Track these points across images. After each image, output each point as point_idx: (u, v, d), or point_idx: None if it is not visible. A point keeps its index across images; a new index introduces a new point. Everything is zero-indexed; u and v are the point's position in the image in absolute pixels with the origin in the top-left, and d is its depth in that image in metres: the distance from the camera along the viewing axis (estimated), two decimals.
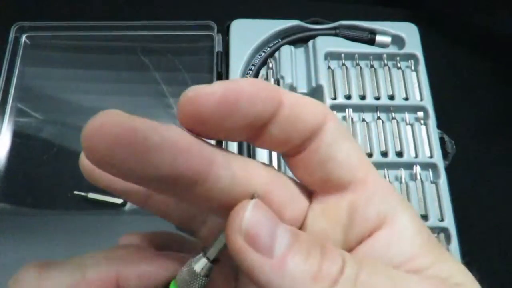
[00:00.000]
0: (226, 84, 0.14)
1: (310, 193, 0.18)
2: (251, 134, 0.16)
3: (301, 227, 0.17)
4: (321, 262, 0.14)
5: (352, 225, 0.16)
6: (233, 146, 0.41)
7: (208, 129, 0.15)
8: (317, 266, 0.14)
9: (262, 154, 0.41)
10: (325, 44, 0.45)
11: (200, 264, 0.17)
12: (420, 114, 0.43)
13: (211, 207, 0.15)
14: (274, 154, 0.41)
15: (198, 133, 0.15)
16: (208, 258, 0.17)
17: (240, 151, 0.41)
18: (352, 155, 0.16)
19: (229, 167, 0.15)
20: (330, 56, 0.45)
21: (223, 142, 0.42)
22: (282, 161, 0.41)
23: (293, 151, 0.17)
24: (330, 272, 0.14)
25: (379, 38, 0.46)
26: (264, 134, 0.16)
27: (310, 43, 0.46)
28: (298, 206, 0.17)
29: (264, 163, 0.17)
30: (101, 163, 0.13)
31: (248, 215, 0.15)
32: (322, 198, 0.17)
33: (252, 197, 0.15)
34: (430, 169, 0.41)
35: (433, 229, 0.39)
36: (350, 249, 0.17)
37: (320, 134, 0.16)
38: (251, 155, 0.41)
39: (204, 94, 0.14)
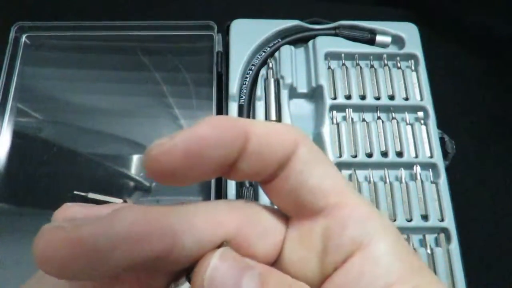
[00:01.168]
0: (187, 134, 0.14)
1: (287, 219, 0.17)
2: (221, 172, 0.16)
3: (279, 256, 0.17)
4: None
5: (326, 252, 0.16)
6: None
7: (177, 179, 0.15)
8: None
9: None
10: (325, 44, 0.45)
11: None
12: (420, 114, 0.43)
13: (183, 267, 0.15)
14: None
15: (169, 183, 0.15)
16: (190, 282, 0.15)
17: None
18: (324, 180, 0.16)
19: (193, 229, 0.14)
20: (330, 56, 0.45)
21: None
22: None
23: (265, 179, 0.17)
24: None
25: (379, 38, 0.46)
26: (234, 170, 0.16)
27: (310, 43, 0.46)
28: (274, 238, 0.17)
29: (234, 201, 0.17)
30: (60, 276, 0.13)
31: (209, 272, 0.14)
32: (298, 224, 0.17)
33: (220, 245, 0.15)
34: (430, 169, 0.41)
35: (433, 229, 0.39)
36: (326, 277, 0.16)
37: (290, 162, 0.16)
38: None
39: (167, 151, 0.14)
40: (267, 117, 0.42)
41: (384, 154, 0.41)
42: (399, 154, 0.42)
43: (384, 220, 0.16)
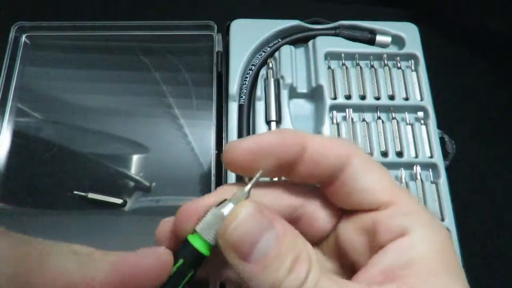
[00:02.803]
0: (254, 137, 0.20)
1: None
2: (283, 172, 0.21)
3: (331, 231, 0.22)
4: (287, 274, 0.17)
5: (375, 234, 0.20)
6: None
7: (245, 170, 0.20)
8: (281, 278, 0.17)
9: None
10: (325, 44, 0.45)
11: (227, 209, 0.19)
12: (420, 114, 0.43)
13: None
14: None
15: (239, 172, 0.21)
16: (232, 202, 0.19)
17: None
18: (376, 184, 0.20)
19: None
20: (330, 56, 0.45)
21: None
22: None
23: (323, 183, 0.21)
24: (291, 285, 0.17)
25: (379, 38, 0.46)
26: (294, 172, 0.21)
27: (310, 43, 0.46)
28: (330, 217, 0.22)
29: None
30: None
31: (235, 224, 0.18)
32: (352, 215, 0.21)
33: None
34: (430, 169, 0.41)
35: None
36: (373, 252, 0.20)
37: (345, 170, 0.20)
38: None
39: (237, 148, 0.20)
40: (267, 117, 0.42)
41: (384, 154, 0.41)
42: (399, 154, 0.42)
43: (426, 216, 0.20)
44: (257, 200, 0.19)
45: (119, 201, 0.41)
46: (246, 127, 0.42)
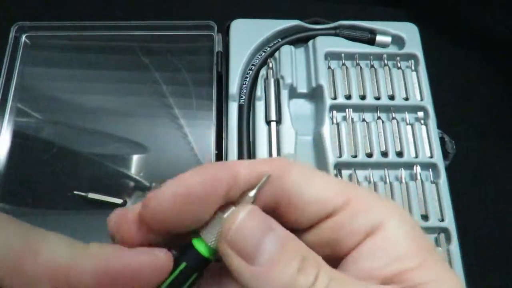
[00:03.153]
0: (174, 182, 0.18)
1: None
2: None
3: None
4: (296, 276, 0.16)
5: (338, 240, 0.18)
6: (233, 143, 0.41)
7: (172, 224, 0.18)
8: (290, 279, 0.16)
9: (262, 152, 0.41)
10: (325, 44, 0.45)
11: (230, 214, 0.18)
12: (420, 114, 0.43)
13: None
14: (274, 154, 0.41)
15: (168, 228, 0.18)
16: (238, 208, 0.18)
17: (240, 150, 0.41)
18: (324, 189, 0.18)
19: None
20: (330, 56, 0.45)
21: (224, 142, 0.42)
22: None
23: (269, 209, 0.19)
24: (301, 286, 0.16)
25: (379, 38, 0.46)
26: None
27: (310, 43, 0.46)
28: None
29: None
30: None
31: (236, 225, 0.17)
32: (309, 229, 0.19)
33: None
34: (430, 169, 0.41)
35: (433, 229, 0.39)
36: (339, 260, 0.18)
37: (283, 189, 0.18)
38: (251, 155, 0.41)
39: (160, 197, 0.18)
40: (267, 117, 0.42)
41: (384, 154, 0.41)
42: (399, 154, 0.42)
43: (388, 204, 0.19)
44: None
45: (119, 201, 0.41)
46: (246, 127, 0.42)
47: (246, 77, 0.44)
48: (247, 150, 0.41)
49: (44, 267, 0.16)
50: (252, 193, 0.18)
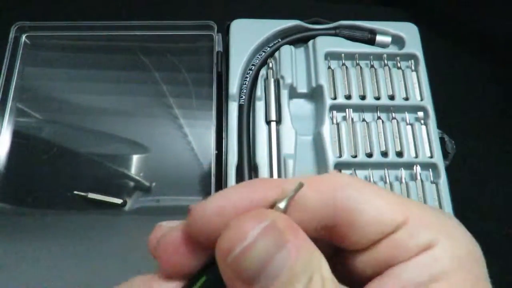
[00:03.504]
0: (222, 195, 0.17)
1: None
2: None
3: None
4: None
5: (393, 257, 0.17)
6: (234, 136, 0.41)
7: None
8: None
9: (262, 152, 0.41)
10: (325, 44, 0.45)
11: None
12: (420, 114, 0.43)
13: None
14: (274, 157, 0.41)
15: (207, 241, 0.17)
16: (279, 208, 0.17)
17: (240, 150, 0.41)
18: (384, 207, 0.17)
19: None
20: (330, 56, 0.45)
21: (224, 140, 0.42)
22: (282, 163, 0.41)
23: (320, 230, 0.18)
24: None
25: (379, 38, 0.46)
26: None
27: (310, 43, 0.46)
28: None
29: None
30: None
31: (244, 246, 0.15)
32: (366, 249, 0.18)
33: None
34: (430, 169, 0.41)
35: None
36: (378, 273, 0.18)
37: (338, 208, 0.17)
38: (251, 155, 0.41)
39: (206, 209, 0.17)
40: (267, 117, 0.42)
41: (384, 154, 0.41)
42: (399, 154, 0.42)
43: (449, 226, 0.18)
44: None
45: (119, 201, 0.41)
46: (246, 127, 0.42)
47: (246, 77, 0.44)
48: (247, 150, 0.41)
49: None
50: (282, 204, 0.17)
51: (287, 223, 0.16)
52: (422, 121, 0.43)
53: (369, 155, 0.41)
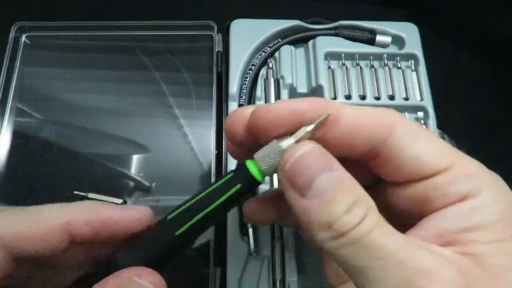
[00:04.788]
0: (286, 103, 0.20)
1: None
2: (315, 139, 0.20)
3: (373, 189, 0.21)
4: (343, 215, 0.16)
5: (428, 201, 0.18)
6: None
7: (268, 135, 0.20)
8: (336, 217, 0.16)
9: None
10: (325, 44, 0.45)
11: (286, 143, 0.19)
12: (420, 114, 0.43)
13: None
14: None
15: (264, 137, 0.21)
16: (293, 138, 0.19)
17: None
18: (428, 151, 0.18)
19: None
20: (330, 56, 0.45)
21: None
22: None
23: (364, 157, 0.20)
24: (343, 225, 0.16)
25: (379, 38, 0.46)
26: (329, 146, 0.19)
27: (310, 43, 0.46)
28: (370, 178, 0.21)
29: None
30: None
31: (294, 159, 0.18)
32: (400, 183, 0.20)
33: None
34: None
35: None
36: (421, 217, 0.19)
37: (387, 143, 0.19)
38: None
39: (268, 112, 0.20)
40: None
41: None
42: None
43: (490, 177, 0.19)
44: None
45: (119, 201, 0.41)
46: None
47: (246, 77, 0.44)
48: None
49: (50, 223, 0.21)
50: (310, 128, 0.19)
51: (332, 156, 0.18)
52: (422, 121, 0.43)
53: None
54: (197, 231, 0.21)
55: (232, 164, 0.40)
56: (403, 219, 0.20)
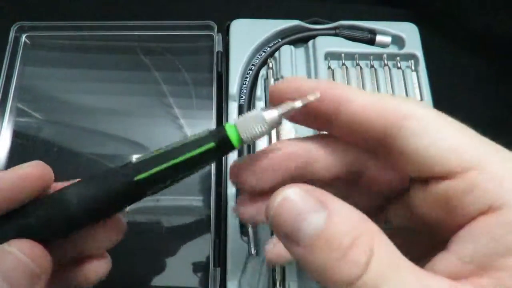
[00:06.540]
0: (295, 79, 0.19)
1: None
2: (321, 124, 0.20)
3: (403, 194, 0.19)
4: (339, 263, 0.14)
5: (451, 210, 0.16)
6: None
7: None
8: (331, 266, 0.14)
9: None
10: (325, 44, 0.45)
11: (269, 113, 0.18)
12: None
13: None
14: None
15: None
16: (278, 110, 0.18)
17: (240, 150, 0.41)
18: (444, 147, 0.16)
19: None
20: (330, 56, 0.45)
21: None
22: None
23: (375, 149, 0.18)
24: (343, 275, 0.14)
25: (379, 38, 0.46)
26: (333, 127, 0.19)
27: (310, 43, 0.46)
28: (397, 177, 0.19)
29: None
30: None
31: (274, 208, 0.16)
32: (424, 181, 0.17)
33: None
34: None
35: None
36: (453, 230, 0.16)
37: (398, 135, 0.17)
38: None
39: (282, 84, 0.20)
40: None
41: None
42: None
43: None
44: (311, 167, 0.19)
45: None
46: None
47: (246, 77, 0.44)
48: (247, 150, 0.41)
49: None
50: (297, 104, 0.18)
51: (323, 192, 0.16)
52: None
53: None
54: (157, 182, 0.19)
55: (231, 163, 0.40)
56: (436, 230, 0.17)
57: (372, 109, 0.17)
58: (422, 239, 0.18)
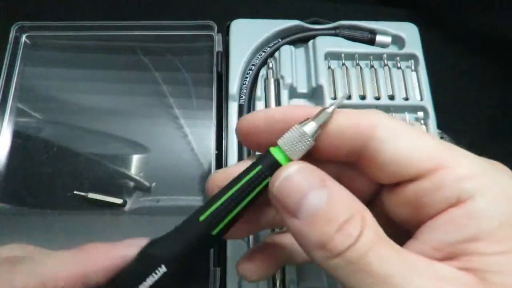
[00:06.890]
0: (266, 110, 0.21)
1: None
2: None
3: (374, 199, 0.21)
4: (335, 234, 0.16)
5: (420, 208, 0.17)
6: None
7: (259, 142, 0.22)
8: (327, 237, 0.16)
9: None
10: (325, 44, 0.45)
11: (308, 127, 0.19)
12: (420, 114, 0.43)
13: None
14: None
15: (255, 145, 0.23)
16: (316, 122, 0.19)
17: (240, 150, 0.41)
18: (409, 151, 0.17)
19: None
20: (330, 56, 0.45)
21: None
22: None
23: (350, 160, 0.20)
24: (337, 245, 0.16)
25: (379, 38, 0.46)
26: (314, 152, 0.20)
27: (310, 43, 0.46)
28: (368, 186, 0.21)
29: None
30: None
31: (279, 181, 0.17)
32: (394, 186, 0.19)
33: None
34: None
35: None
36: (420, 225, 0.18)
37: (369, 145, 0.18)
38: (251, 155, 0.41)
39: (249, 120, 0.21)
40: None
41: None
42: None
43: (489, 176, 0.17)
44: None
45: (119, 201, 0.41)
46: None
47: (246, 77, 0.44)
48: (247, 150, 0.41)
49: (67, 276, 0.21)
50: (330, 109, 0.19)
51: (324, 173, 0.18)
52: (422, 121, 0.43)
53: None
54: (231, 226, 0.21)
55: (233, 164, 0.40)
56: (405, 227, 0.19)
57: (343, 120, 0.19)
58: (396, 235, 0.19)
